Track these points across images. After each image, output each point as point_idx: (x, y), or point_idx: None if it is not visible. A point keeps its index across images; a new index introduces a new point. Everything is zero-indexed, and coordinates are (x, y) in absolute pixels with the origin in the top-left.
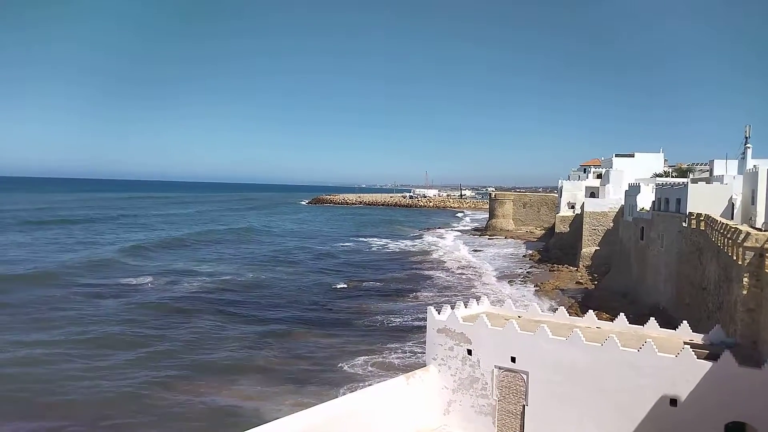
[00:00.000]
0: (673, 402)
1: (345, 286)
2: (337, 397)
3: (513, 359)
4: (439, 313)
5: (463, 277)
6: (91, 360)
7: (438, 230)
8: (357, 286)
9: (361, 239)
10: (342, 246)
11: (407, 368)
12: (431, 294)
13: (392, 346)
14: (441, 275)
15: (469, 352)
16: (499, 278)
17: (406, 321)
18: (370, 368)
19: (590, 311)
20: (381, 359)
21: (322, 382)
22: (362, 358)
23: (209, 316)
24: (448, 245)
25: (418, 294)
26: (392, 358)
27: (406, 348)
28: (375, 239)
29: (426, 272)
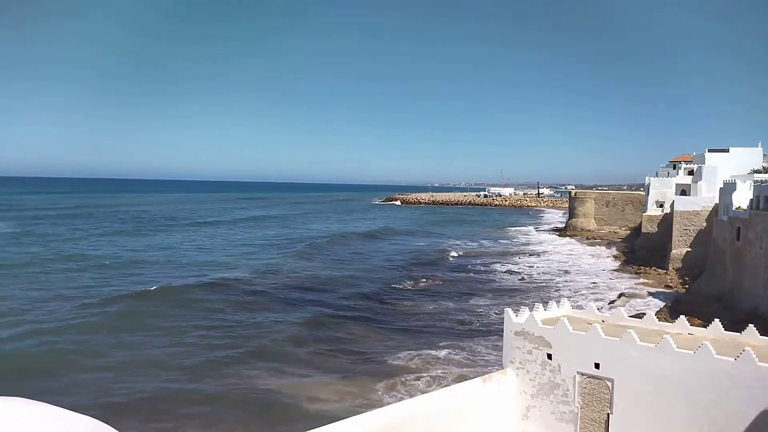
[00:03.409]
0: None
1: (413, 284)
2: (378, 392)
3: (597, 365)
4: (516, 315)
5: (541, 278)
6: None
7: (514, 229)
8: (427, 285)
9: (433, 238)
10: (415, 245)
11: (464, 368)
12: (506, 295)
13: (447, 346)
14: (516, 276)
15: (549, 356)
16: (583, 278)
17: (475, 322)
18: (417, 361)
19: (681, 317)
20: (432, 353)
21: (366, 374)
22: (413, 353)
23: (275, 306)
24: (525, 245)
25: (492, 294)
26: (444, 355)
27: (474, 349)
28: (448, 238)
29: (499, 273)
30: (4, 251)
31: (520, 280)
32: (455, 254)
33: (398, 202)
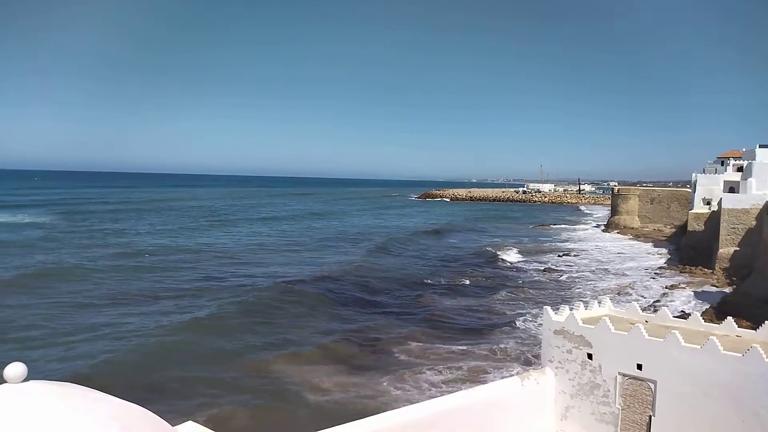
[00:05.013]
0: None
1: (451, 279)
2: (384, 385)
3: (639, 366)
4: (556, 313)
5: (580, 276)
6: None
7: (555, 227)
8: (465, 281)
9: (470, 235)
10: (451, 242)
11: (481, 362)
12: (544, 293)
13: (468, 340)
14: (554, 274)
15: (590, 356)
16: (625, 277)
17: (496, 318)
18: (432, 355)
19: (728, 318)
20: (447, 347)
21: (375, 365)
22: (427, 346)
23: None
24: (566, 242)
25: (529, 292)
26: (461, 349)
27: (499, 345)
28: (485, 236)
29: (538, 271)
30: (83, 250)
31: (558, 278)
32: (498, 251)
33: (447, 199)
